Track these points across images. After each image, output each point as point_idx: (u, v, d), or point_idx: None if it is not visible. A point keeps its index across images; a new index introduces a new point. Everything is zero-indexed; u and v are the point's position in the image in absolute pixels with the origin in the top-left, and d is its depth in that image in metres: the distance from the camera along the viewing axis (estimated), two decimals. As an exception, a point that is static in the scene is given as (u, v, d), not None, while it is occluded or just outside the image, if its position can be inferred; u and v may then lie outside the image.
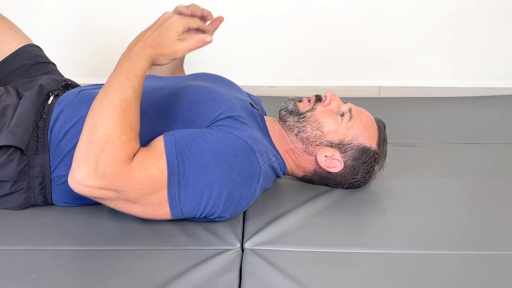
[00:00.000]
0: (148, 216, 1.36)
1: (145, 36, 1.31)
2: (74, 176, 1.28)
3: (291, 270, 1.29)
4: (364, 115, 1.57)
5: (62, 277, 1.26)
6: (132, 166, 1.29)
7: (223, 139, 1.37)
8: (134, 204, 1.33)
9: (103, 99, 1.30)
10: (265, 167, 1.42)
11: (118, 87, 1.30)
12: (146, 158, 1.32)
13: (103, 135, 1.27)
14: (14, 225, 1.43)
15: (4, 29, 1.82)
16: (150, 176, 1.30)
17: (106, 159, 1.26)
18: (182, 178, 1.32)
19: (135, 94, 1.31)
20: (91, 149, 1.27)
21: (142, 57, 1.30)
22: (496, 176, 1.74)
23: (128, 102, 1.29)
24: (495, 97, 2.52)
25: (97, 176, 1.27)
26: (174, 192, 1.33)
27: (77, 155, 1.29)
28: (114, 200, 1.32)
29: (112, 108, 1.28)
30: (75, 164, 1.29)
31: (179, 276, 1.26)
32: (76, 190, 1.29)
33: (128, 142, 1.29)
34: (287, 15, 2.57)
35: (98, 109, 1.30)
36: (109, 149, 1.27)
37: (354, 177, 1.57)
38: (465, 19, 2.56)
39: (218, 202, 1.36)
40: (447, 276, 1.28)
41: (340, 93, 2.51)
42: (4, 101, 1.52)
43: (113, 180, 1.27)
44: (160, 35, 1.30)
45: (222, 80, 1.69)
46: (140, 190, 1.30)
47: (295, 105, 1.57)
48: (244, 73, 2.61)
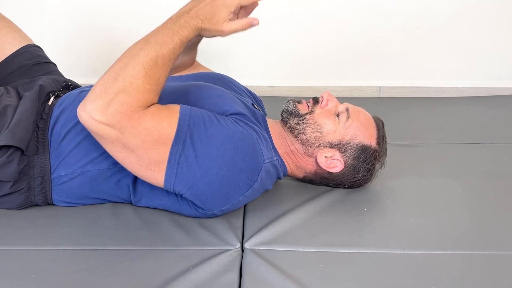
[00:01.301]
0: (140, 170, 1.35)
1: (199, 7, 1.31)
2: (85, 105, 1.28)
3: (291, 270, 1.29)
4: (361, 113, 1.57)
5: (62, 277, 1.26)
6: (145, 112, 1.29)
7: (234, 124, 1.39)
8: (131, 152, 1.32)
9: (143, 45, 1.30)
10: (268, 163, 1.42)
11: (161, 42, 1.30)
12: (161, 110, 1.32)
13: (130, 76, 1.27)
14: (14, 225, 1.43)
15: (5, 29, 1.82)
16: (159, 127, 1.30)
17: (125, 99, 1.26)
18: (188, 139, 1.32)
19: (173, 55, 1.32)
20: (114, 84, 1.27)
21: (191, 26, 1.31)
22: (496, 176, 1.74)
23: (165, 59, 1.30)
24: (495, 97, 2.51)
25: (109, 112, 1.26)
26: (177, 149, 1.32)
27: (97, 87, 1.28)
28: (113, 142, 1.30)
29: (148, 57, 1.29)
30: (91, 95, 1.28)
31: (179, 276, 1.26)
32: (82, 120, 1.29)
33: (150, 92, 1.30)
34: (288, 15, 2.57)
35: (134, 53, 1.30)
36: (131, 90, 1.27)
37: (355, 176, 1.57)
38: (465, 19, 2.56)
39: (213, 178, 1.34)
40: (447, 276, 1.29)
41: (340, 93, 2.52)
42: (4, 101, 1.52)
43: (122, 119, 1.27)
44: (212, 10, 1.30)
45: (223, 79, 1.69)
46: (144, 137, 1.29)
47: (295, 106, 1.57)
48: (244, 73, 2.60)
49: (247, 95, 1.71)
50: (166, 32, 1.32)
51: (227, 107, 1.45)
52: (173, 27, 1.32)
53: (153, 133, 1.30)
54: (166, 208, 1.47)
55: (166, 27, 1.32)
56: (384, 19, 2.56)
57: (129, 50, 1.32)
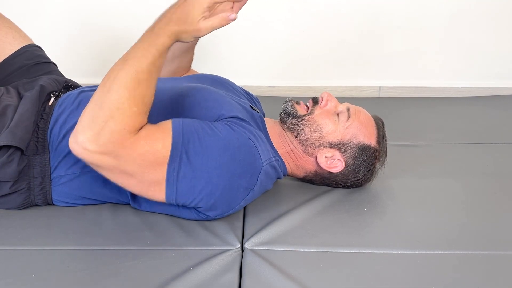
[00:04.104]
0: (142, 192, 1.35)
1: (170, 12, 1.28)
2: (76, 137, 1.26)
3: (291, 270, 1.29)
4: (362, 113, 1.57)
5: (62, 277, 1.26)
6: (138, 137, 1.28)
7: (228, 131, 1.38)
8: (130, 176, 1.31)
9: (122, 66, 1.28)
10: (266, 165, 1.42)
11: (138, 57, 1.27)
12: (154, 132, 1.31)
13: (115, 101, 1.25)
14: (14, 225, 1.43)
15: (5, 29, 1.82)
16: (153, 150, 1.29)
17: (114, 126, 1.24)
18: (184, 155, 1.31)
19: (154, 68, 1.28)
20: (100, 113, 1.25)
21: (166, 33, 1.27)
22: (496, 176, 1.74)
23: (146, 74, 1.27)
24: (495, 97, 2.52)
25: (100, 142, 1.25)
26: (173, 167, 1.31)
27: (84, 118, 1.27)
28: (111, 169, 1.30)
29: (129, 77, 1.26)
30: (79, 126, 1.27)
31: (179, 276, 1.26)
32: (75, 152, 1.27)
33: (138, 115, 1.28)
34: (287, 15, 2.57)
35: (115, 75, 1.27)
36: (119, 116, 1.25)
37: (355, 175, 1.57)
38: (465, 19, 2.56)
39: (214, 189, 1.34)
40: (447, 276, 1.28)
41: (340, 93, 2.52)
42: (4, 101, 1.52)
43: (115, 148, 1.25)
44: (184, 11, 1.25)
45: (221, 81, 1.69)
46: (140, 162, 1.29)
47: (293, 106, 1.57)
48: (244, 73, 2.61)
49: (244, 97, 1.71)
50: (142, 45, 1.29)
51: (223, 111, 1.45)
52: (148, 39, 1.28)
53: (148, 157, 1.29)
54: (166, 213, 1.47)
55: (141, 40, 1.30)
56: (384, 19, 2.56)
57: (110, 71, 1.29)
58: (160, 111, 1.45)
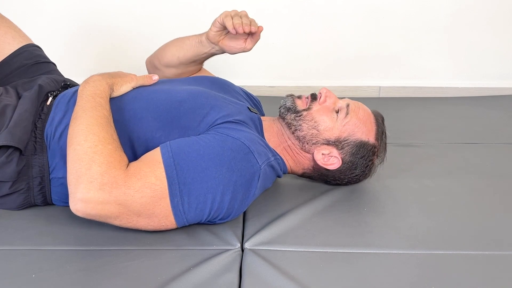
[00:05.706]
0: (154, 228, 1.35)
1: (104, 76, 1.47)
2: (74, 198, 1.27)
3: (291, 270, 1.29)
4: (361, 110, 1.56)
5: (62, 277, 1.26)
6: (128, 175, 1.29)
7: (221, 142, 1.37)
8: (138, 217, 1.32)
9: (79, 121, 1.34)
10: (264, 166, 1.42)
11: (89, 108, 1.37)
12: (142, 167, 1.31)
13: (90, 149, 1.28)
14: (14, 225, 1.43)
15: (5, 29, 1.81)
16: (148, 184, 1.29)
17: (99, 169, 1.26)
18: (183, 186, 1.31)
19: (107, 113, 1.38)
20: (82, 165, 1.27)
21: (103, 82, 1.44)
22: (496, 176, 1.74)
23: (103, 118, 1.35)
24: (495, 97, 2.52)
25: (95, 188, 1.25)
26: (177, 202, 1.32)
27: (70, 179, 1.28)
28: (118, 216, 1.30)
29: (90, 124, 1.33)
30: (70, 188, 1.28)
31: (179, 276, 1.26)
32: (81, 212, 1.27)
33: (115, 150, 1.31)
34: (287, 15, 2.57)
35: (76, 131, 1.32)
36: (99, 158, 1.27)
37: (352, 172, 1.57)
38: (465, 19, 2.57)
39: (221, 205, 1.35)
40: (447, 276, 1.28)
41: (340, 93, 2.51)
42: (3, 101, 1.52)
43: (112, 189, 1.26)
44: (112, 74, 1.50)
45: (220, 83, 1.69)
46: (140, 199, 1.29)
47: (293, 101, 1.57)
48: (244, 73, 2.61)
49: (243, 98, 1.71)
50: (86, 100, 1.39)
51: (219, 116, 1.45)
52: (88, 93, 1.41)
53: (145, 192, 1.29)
54: None
55: (81, 98, 1.40)
56: (384, 19, 2.57)
57: (70, 132, 1.34)
58: (157, 115, 1.45)
